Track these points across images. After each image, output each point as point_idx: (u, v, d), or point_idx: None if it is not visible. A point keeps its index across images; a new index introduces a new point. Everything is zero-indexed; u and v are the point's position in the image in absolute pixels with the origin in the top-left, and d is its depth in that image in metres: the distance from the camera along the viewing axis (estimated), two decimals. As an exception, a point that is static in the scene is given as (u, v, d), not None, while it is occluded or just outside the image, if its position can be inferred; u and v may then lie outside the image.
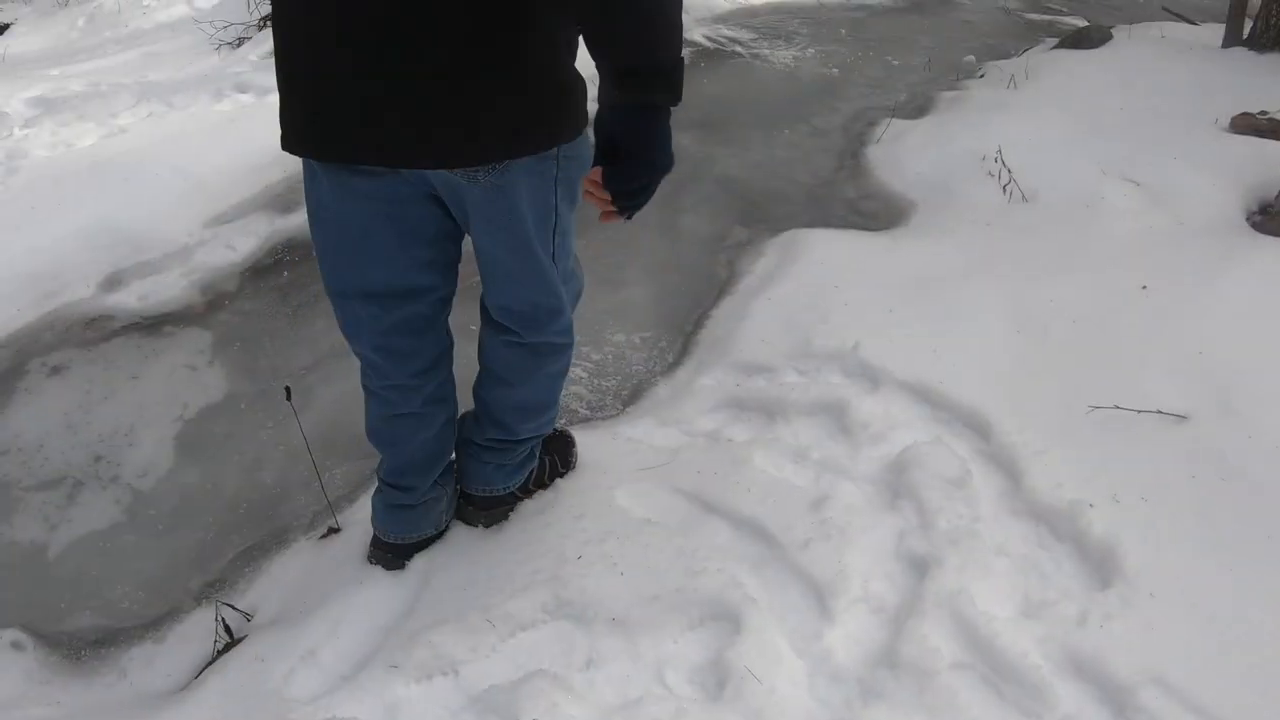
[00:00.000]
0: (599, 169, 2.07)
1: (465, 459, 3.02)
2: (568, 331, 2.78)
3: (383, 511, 2.95)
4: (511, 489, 3.08)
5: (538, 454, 3.15)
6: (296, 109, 2.27)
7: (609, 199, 2.09)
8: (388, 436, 2.85)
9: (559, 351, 2.81)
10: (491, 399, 2.87)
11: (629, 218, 2.18)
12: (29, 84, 6.60)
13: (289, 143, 2.30)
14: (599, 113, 2.04)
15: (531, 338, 2.69)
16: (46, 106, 6.25)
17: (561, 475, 3.24)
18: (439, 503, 3.01)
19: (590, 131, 2.22)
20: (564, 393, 3.73)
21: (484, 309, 2.73)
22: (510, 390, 2.83)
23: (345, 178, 2.32)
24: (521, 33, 2.07)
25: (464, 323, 2.93)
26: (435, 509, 3.00)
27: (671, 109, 2.05)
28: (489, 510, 3.09)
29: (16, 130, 5.95)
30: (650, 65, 1.97)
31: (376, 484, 2.98)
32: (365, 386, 2.81)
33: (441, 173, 2.27)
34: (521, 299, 2.60)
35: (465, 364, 2.86)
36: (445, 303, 2.66)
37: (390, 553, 2.98)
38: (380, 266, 2.47)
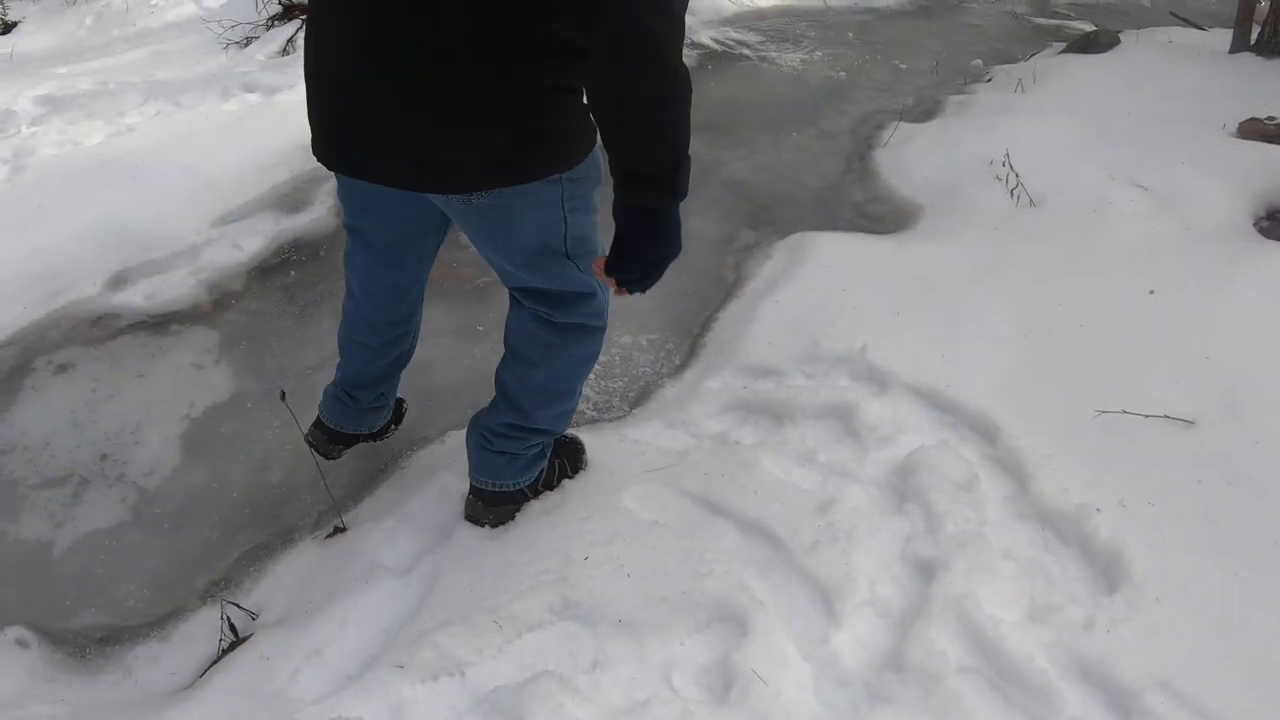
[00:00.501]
0: (604, 258, 2.29)
1: (476, 450, 3.04)
2: (601, 315, 2.82)
3: (332, 401, 3.29)
4: (521, 486, 3.09)
5: (549, 455, 3.16)
6: (312, 120, 2.46)
7: (616, 284, 2.31)
8: (348, 352, 3.18)
9: (589, 335, 2.85)
10: (512, 380, 2.90)
11: (643, 291, 2.34)
12: (36, 82, 6.60)
13: (322, 152, 2.48)
14: (614, 203, 2.19)
15: (562, 317, 2.74)
16: (54, 105, 6.25)
17: (570, 478, 3.25)
18: (378, 412, 3.35)
19: (597, 151, 2.32)
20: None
21: (511, 293, 2.81)
22: (533, 371, 2.86)
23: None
24: (516, 75, 2.15)
25: (468, 325, 2.93)
26: (373, 417, 3.34)
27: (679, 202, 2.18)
28: (496, 508, 3.10)
29: (24, 128, 5.95)
30: (649, 170, 2.10)
31: (333, 380, 3.30)
32: (343, 308, 3.12)
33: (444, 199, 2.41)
34: (539, 281, 2.67)
35: (468, 365, 2.88)
36: (423, 278, 3.02)
37: (325, 435, 3.35)
38: (380, 231, 2.80)
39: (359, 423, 3.35)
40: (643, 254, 2.24)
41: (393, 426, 3.58)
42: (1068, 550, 3.01)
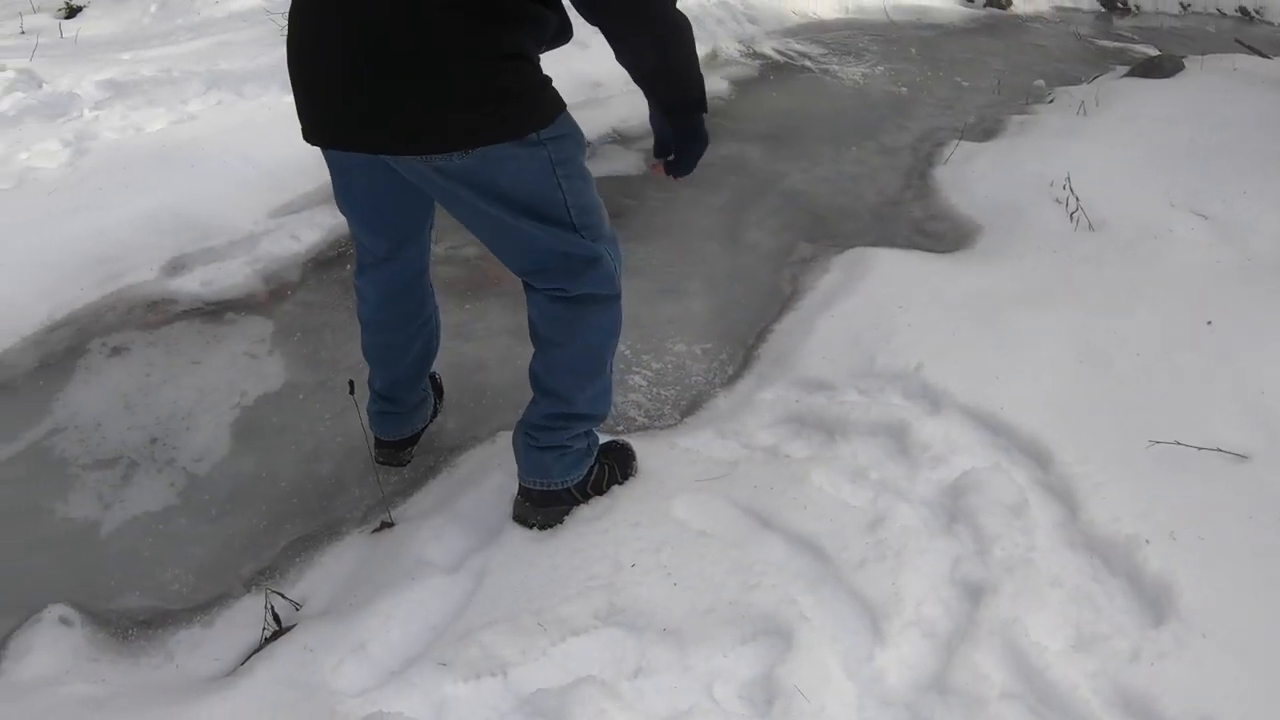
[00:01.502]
0: (661, 163, 2.90)
1: (524, 450, 3.07)
2: (611, 282, 2.88)
3: (378, 418, 3.46)
4: (569, 485, 3.11)
5: (595, 451, 3.19)
6: (297, 102, 2.65)
7: (671, 179, 2.93)
8: (378, 359, 3.32)
9: (605, 305, 2.90)
10: (543, 368, 3.00)
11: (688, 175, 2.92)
12: (100, 67, 6.65)
13: (307, 132, 2.66)
14: (653, 121, 2.83)
15: (575, 289, 2.82)
16: (117, 90, 6.29)
17: (620, 484, 3.25)
18: (424, 405, 3.54)
19: (568, 112, 2.65)
20: (622, 400, 3.75)
21: (528, 286, 2.91)
22: (559, 351, 2.95)
23: (335, 159, 2.81)
24: (477, 39, 2.37)
25: (523, 326, 2.93)
26: (423, 411, 3.54)
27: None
28: (545, 508, 3.11)
29: (87, 112, 6.00)
30: (684, 102, 2.68)
31: (370, 396, 3.43)
32: (360, 316, 3.26)
33: (411, 163, 2.55)
34: (546, 257, 2.77)
35: (521, 366, 2.89)
36: (427, 264, 3.20)
37: (391, 449, 3.53)
38: (373, 235, 3.02)
39: (413, 423, 3.52)
40: (694, 155, 2.84)
41: (438, 404, 3.78)
42: (1116, 580, 2.98)
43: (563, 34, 2.63)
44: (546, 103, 2.57)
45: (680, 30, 2.53)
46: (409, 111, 2.41)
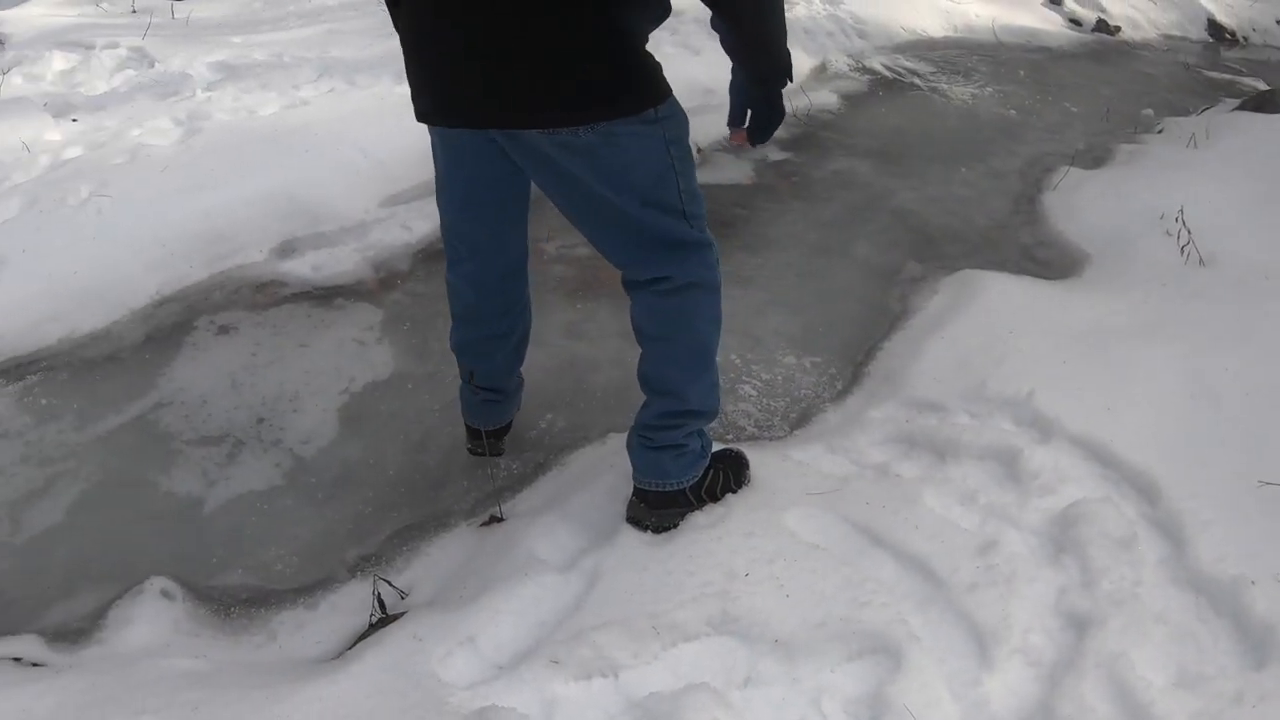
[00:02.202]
0: (742, 131, 2.86)
1: (638, 451, 3.08)
2: (715, 270, 2.93)
3: (480, 408, 3.45)
4: (684, 486, 3.09)
5: (710, 454, 3.18)
6: (411, 84, 2.74)
7: (751, 144, 2.90)
8: (478, 350, 3.31)
9: (707, 292, 2.92)
10: (653, 367, 3.02)
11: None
12: (212, 49, 6.73)
13: (420, 112, 2.77)
14: (737, 86, 2.79)
15: (680, 278, 2.83)
16: (229, 72, 6.36)
17: (734, 491, 3.22)
18: (518, 392, 3.54)
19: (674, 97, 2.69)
20: (732, 409, 3.74)
21: (629, 280, 2.94)
22: (668, 345, 2.97)
23: (449, 137, 2.84)
24: (587, 16, 2.41)
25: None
26: (518, 398, 3.56)
27: None
28: (660, 510, 3.10)
29: (199, 92, 6.06)
30: (773, 70, 2.66)
31: (462, 388, 3.44)
32: (453, 312, 3.30)
33: (534, 139, 2.59)
34: (653, 245, 2.80)
35: (633, 366, 2.89)
36: (526, 258, 3.21)
37: (493, 437, 3.53)
38: (478, 221, 3.03)
39: (509, 410, 3.55)
40: (772, 124, 2.81)
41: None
42: (1220, 621, 2.94)
43: (667, 13, 2.69)
44: (661, 80, 2.63)
45: (775, 1, 2.54)
46: (535, 86, 2.47)
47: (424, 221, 4.76)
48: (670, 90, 2.66)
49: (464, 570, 3.12)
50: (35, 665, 2.88)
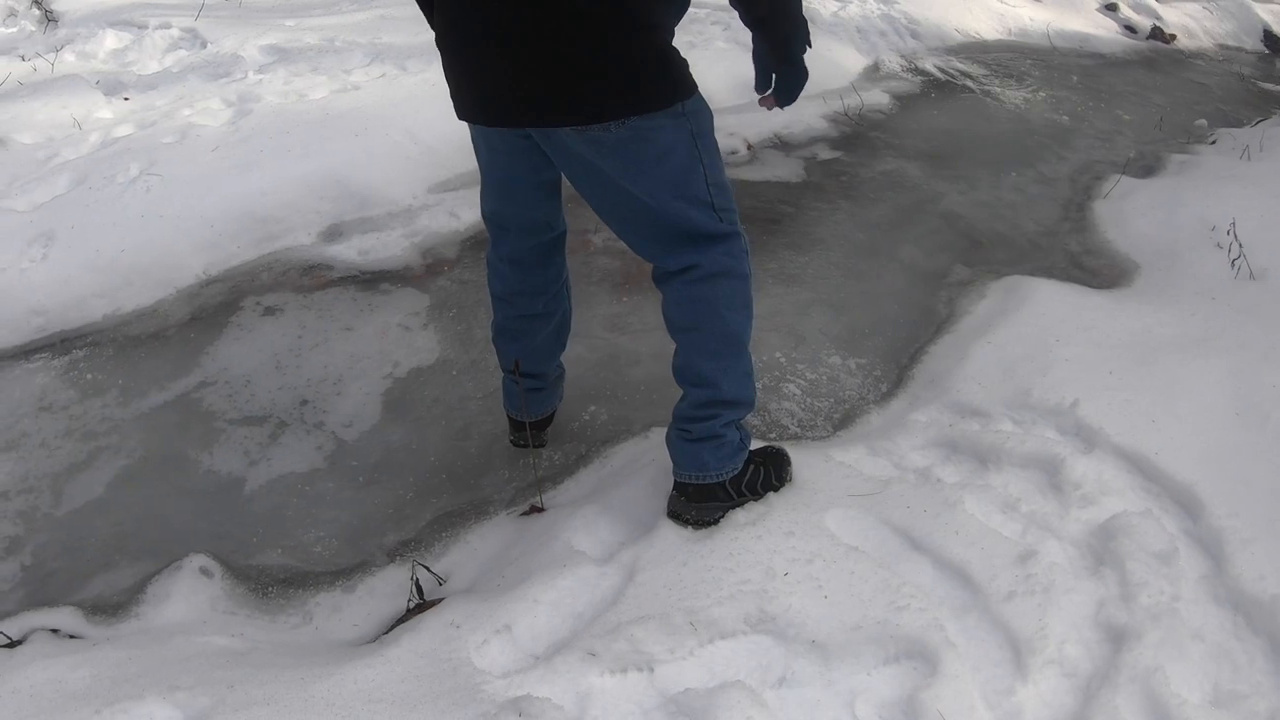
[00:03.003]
0: (770, 95, 2.95)
1: (677, 444, 3.09)
2: (744, 259, 2.98)
3: (521, 398, 3.44)
4: (724, 478, 3.07)
5: (748, 446, 3.17)
6: (448, 77, 2.83)
7: (780, 107, 2.99)
8: (520, 333, 3.33)
9: (736, 280, 2.96)
10: (687, 358, 3.04)
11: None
12: (263, 32, 6.77)
13: (461, 110, 2.88)
14: (759, 54, 2.89)
15: (708, 266, 2.89)
16: (281, 55, 6.40)
17: (775, 489, 3.22)
18: (559, 382, 3.58)
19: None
20: (776, 407, 3.74)
21: (660, 273, 3.01)
22: (700, 335, 2.98)
23: (487, 132, 2.90)
24: (627, 11, 2.52)
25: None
26: (558, 388, 3.58)
27: None
28: (701, 503, 3.08)
29: (250, 74, 6.11)
30: (794, 37, 2.74)
31: (505, 378, 3.46)
32: (493, 292, 3.35)
33: (567, 136, 2.67)
34: (681, 237, 2.87)
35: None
36: (564, 237, 3.27)
37: (532, 429, 3.53)
38: (519, 209, 3.10)
39: (551, 400, 3.58)
40: (796, 86, 2.88)
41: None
42: (1257, 640, 2.92)
43: (686, 6, 2.74)
44: (687, 74, 2.72)
45: None
46: (566, 83, 2.55)
47: (472, 209, 4.76)
48: (696, 85, 2.75)
49: (503, 559, 3.13)
50: (72, 637, 2.91)
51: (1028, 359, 3.98)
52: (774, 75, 2.88)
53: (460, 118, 2.88)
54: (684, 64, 2.70)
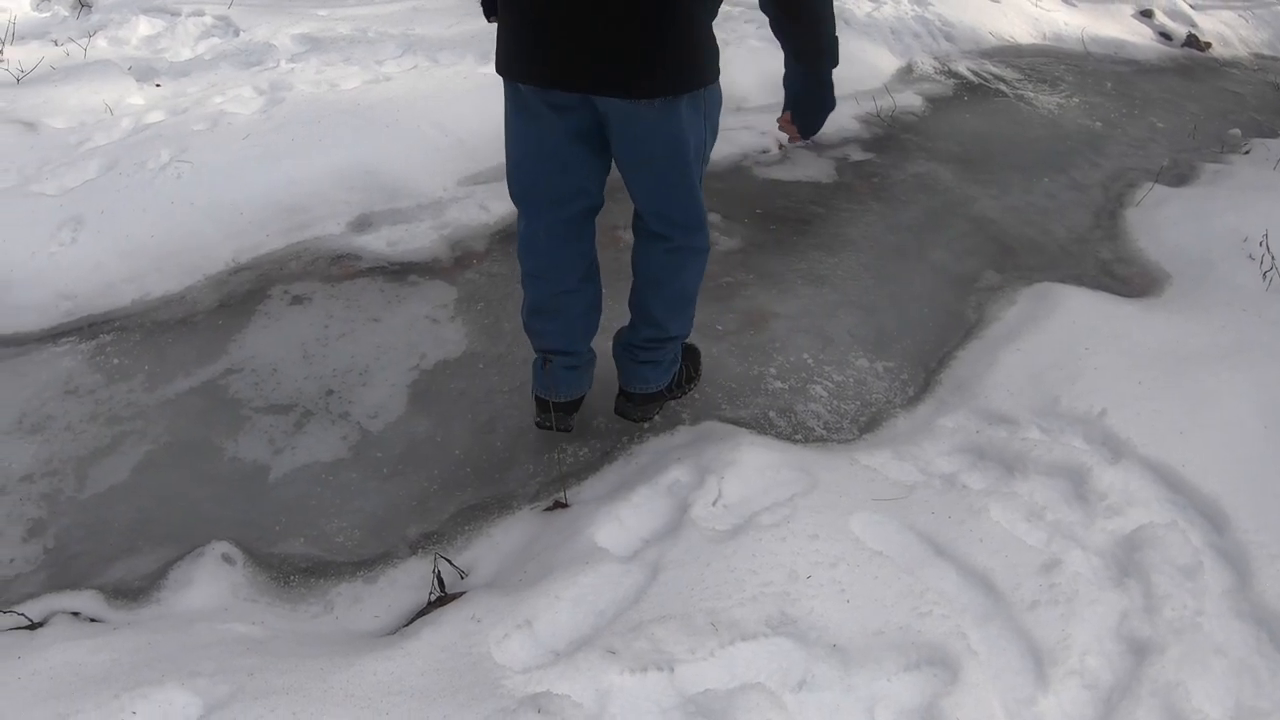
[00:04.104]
0: (789, 113, 3.03)
1: (625, 364, 3.64)
2: (706, 239, 3.39)
3: (559, 375, 3.53)
4: (662, 388, 3.69)
5: (679, 359, 3.73)
6: (511, 41, 2.98)
7: (798, 132, 3.07)
8: (556, 308, 3.44)
9: (700, 255, 3.41)
10: (645, 303, 3.49)
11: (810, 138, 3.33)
12: (296, 20, 6.78)
13: (501, 68, 3.04)
14: (787, 81, 2.98)
15: (683, 241, 3.32)
16: (313, 45, 6.40)
17: (694, 380, 3.91)
18: (589, 367, 3.65)
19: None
20: (802, 409, 3.74)
21: (643, 229, 3.37)
22: (661, 290, 3.45)
23: (538, 100, 3.01)
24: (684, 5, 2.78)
25: (708, 323, 2.89)
26: (590, 369, 3.66)
27: None
28: (644, 405, 3.73)
29: (283, 63, 6.11)
30: (820, 51, 2.84)
31: (537, 360, 3.52)
32: (526, 269, 3.42)
33: (619, 104, 2.91)
34: (680, 208, 3.24)
35: (705, 362, 2.86)
36: (596, 210, 3.36)
37: (560, 411, 3.60)
38: (556, 174, 3.18)
39: (584, 382, 3.65)
40: (823, 110, 3.00)
41: None
42: (1280, 657, 2.90)
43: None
44: (716, 61, 2.97)
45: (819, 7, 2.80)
46: (631, 62, 2.81)
47: (502, 203, 4.75)
48: (719, 72, 3.00)
49: (525, 554, 3.13)
50: (93, 621, 2.92)
51: (1056, 367, 3.96)
52: (798, 98, 3.00)
53: (521, 79, 3.00)
54: (717, 53, 2.95)
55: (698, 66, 2.89)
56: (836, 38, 2.85)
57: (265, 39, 6.43)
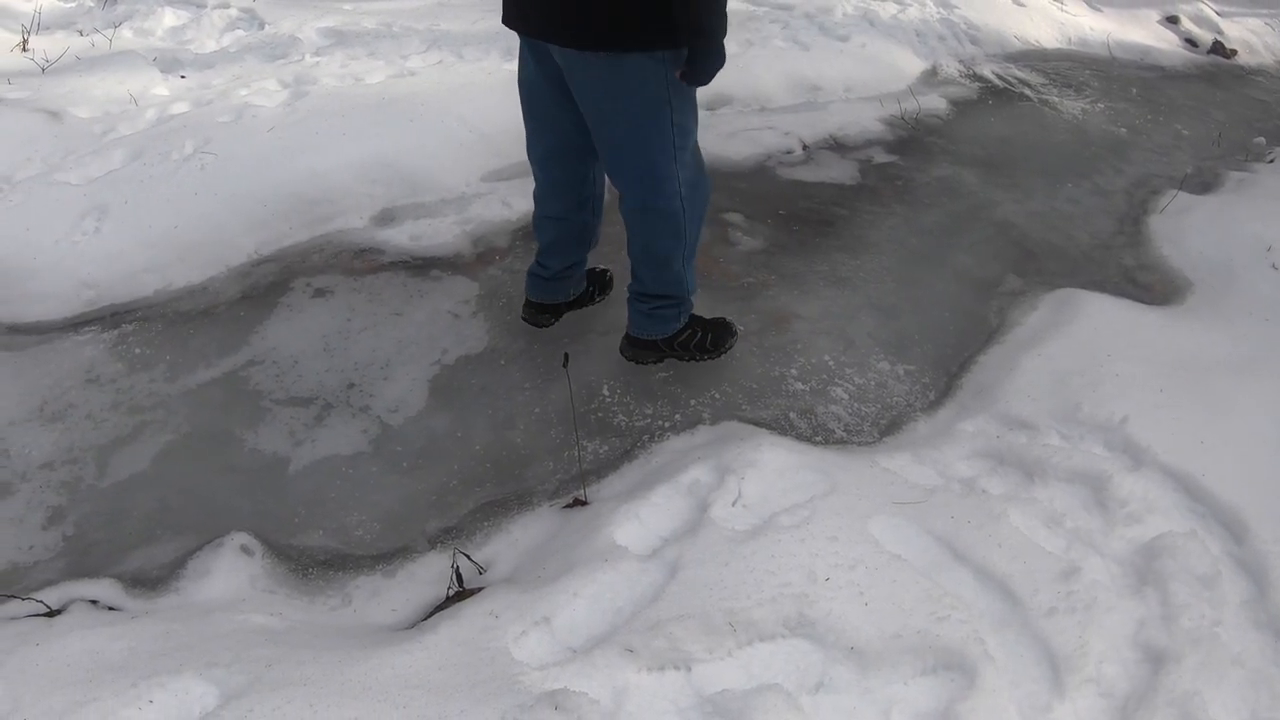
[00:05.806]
0: (682, 70, 3.20)
1: (632, 310, 3.86)
2: (674, 197, 3.50)
3: (529, 280, 4.03)
4: (655, 339, 3.88)
5: (681, 318, 3.88)
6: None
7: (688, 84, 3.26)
8: (540, 228, 3.91)
9: (663, 218, 3.53)
10: (632, 256, 3.73)
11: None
12: (322, 14, 6.79)
13: (504, 18, 3.36)
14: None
15: (641, 200, 3.51)
16: (338, 38, 6.41)
17: (709, 352, 3.97)
18: (567, 282, 4.04)
19: None
20: (823, 410, 3.73)
21: (621, 202, 3.59)
22: (631, 245, 3.69)
23: (526, 47, 3.42)
24: None
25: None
26: (564, 286, 4.05)
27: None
28: (638, 349, 3.94)
29: (308, 56, 6.12)
30: (705, 41, 3.07)
31: (531, 265, 4.00)
32: (535, 194, 3.86)
33: (571, 54, 3.19)
34: (630, 165, 3.45)
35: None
36: (584, 152, 3.61)
37: (532, 309, 4.08)
38: (540, 113, 3.56)
39: (554, 293, 4.05)
40: (714, 67, 3.16)
41: (597, 296, 4.34)
42: (1298, 669, 2.89)
43: None
44: (674, 33, 3.09)
45: None
46: (574, 14, 3.07)
47: (524, 199, 4.73)
48: (683, 40, 3.14)
49: (544, 550, 3.13)
50: (111, 609, 2.93)
51: (1078, 373, 3.95)
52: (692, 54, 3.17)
53: (505, 24, 3.35)
54: (674, 26, 3.07)
55: (636, 23, 3.06)
56: (715, 17, 3.05)
57: (290, 32, 6.44)
